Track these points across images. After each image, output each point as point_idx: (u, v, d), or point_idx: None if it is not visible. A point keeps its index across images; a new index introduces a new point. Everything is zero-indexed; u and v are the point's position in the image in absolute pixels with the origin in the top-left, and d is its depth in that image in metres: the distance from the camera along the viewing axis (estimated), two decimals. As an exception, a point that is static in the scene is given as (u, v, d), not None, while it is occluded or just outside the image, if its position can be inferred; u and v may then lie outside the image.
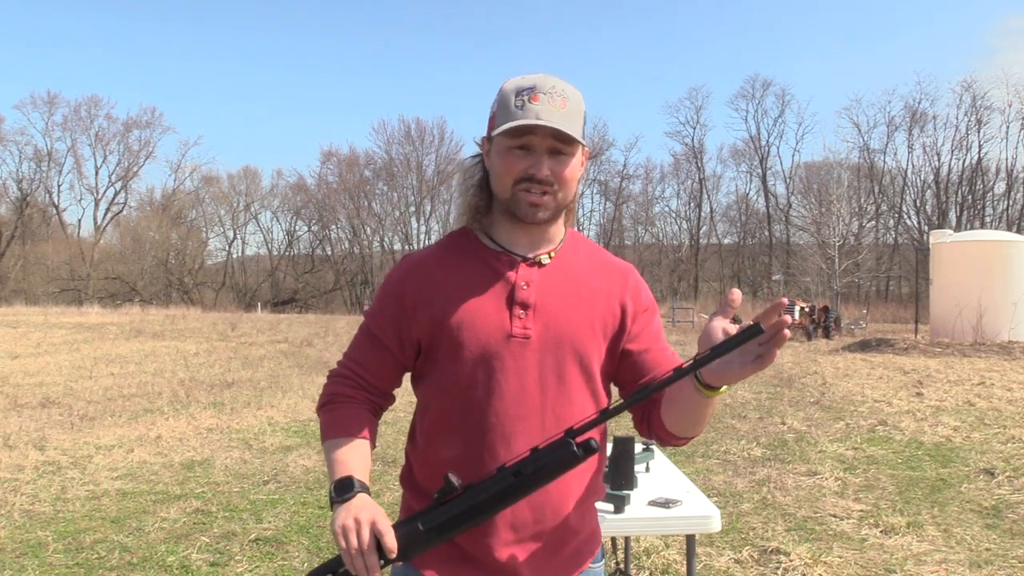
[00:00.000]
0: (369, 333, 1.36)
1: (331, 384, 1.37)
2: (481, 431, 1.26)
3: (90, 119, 54.33)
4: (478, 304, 1.28)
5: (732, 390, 9.90)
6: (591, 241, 1.44)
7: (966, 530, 4.28)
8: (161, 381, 10.76)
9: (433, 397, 1.32)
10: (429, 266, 1.34)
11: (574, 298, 1.32)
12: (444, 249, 1.36)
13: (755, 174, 54.83)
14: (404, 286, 1.32)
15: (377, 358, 1.35)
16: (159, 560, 3.84)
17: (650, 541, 3.94)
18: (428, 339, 1.30)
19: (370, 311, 1.38)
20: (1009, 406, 8.42)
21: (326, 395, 1.36)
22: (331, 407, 1.34)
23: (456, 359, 1.27)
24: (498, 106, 1.28)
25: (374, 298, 1.40)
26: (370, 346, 1.35)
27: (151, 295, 49.04)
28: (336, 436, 1.29)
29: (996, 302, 16.58)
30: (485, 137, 1.33)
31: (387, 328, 1.33)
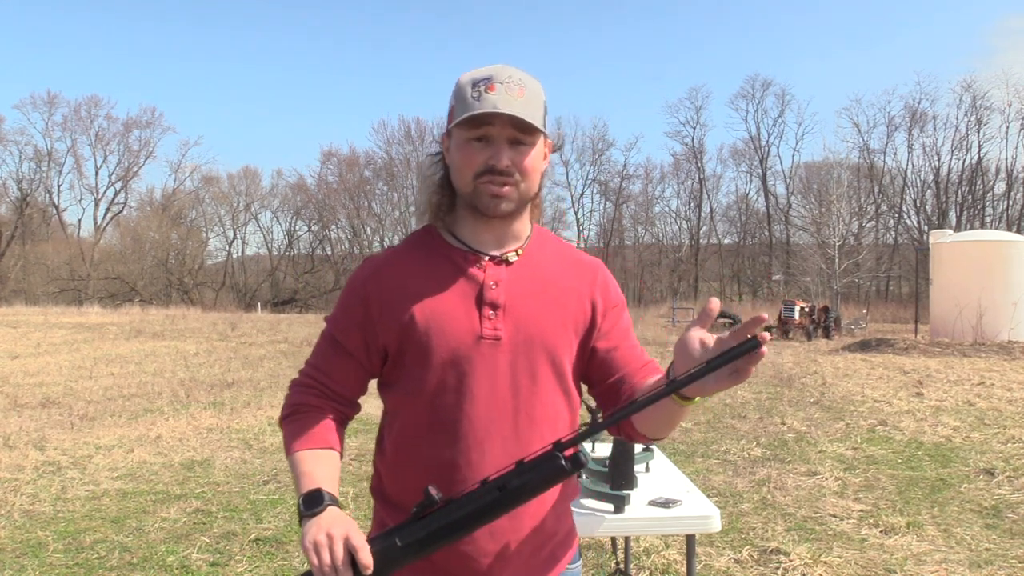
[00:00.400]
0: (332, 340, 1.31)
1: (294, 394, 1.32)
2: (453, 437, 1.22)
3: (90, 119, 54.34)
4: (446, 306, 1.24)
5: (732, 390, 9.90)
6: (557, 237, 1.41)
7: (966, 530, 4.28)
8: (161, 381, 10.76)
9: (402, 404, 1.27)
10: (393, 268, 1.29)
11: (544, 297, 1.28)
12: (408, 249, 1.32)
13: (755, 174, 54.85)
14: (368, 290, 1.27)
15: (342, 365, 1.30)
16: (159, 560, 3.84)
17: (650, 541, 3.94)
18: (395, 344, 1.25)
19: (333, 317, 1.33)
20: (1009, 406, 8.42)
21: (289, 405, 1.31)
22: (295, 418, 1.28)
23: (425, 363, 1.23)
24: (455, 99, 1.25)
25: (336, 303, 1.33)
26: (334, 353, 1.30)
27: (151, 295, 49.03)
28: (302, 448, 1.24)
29: (996, 302, 16.58)
30: (444, 134, 1.30)
31: (352, 334, 1.28)
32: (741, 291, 52.15)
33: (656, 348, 17.30)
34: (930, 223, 45.53)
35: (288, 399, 1.32)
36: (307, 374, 1.32)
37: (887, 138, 50.42)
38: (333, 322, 1.32)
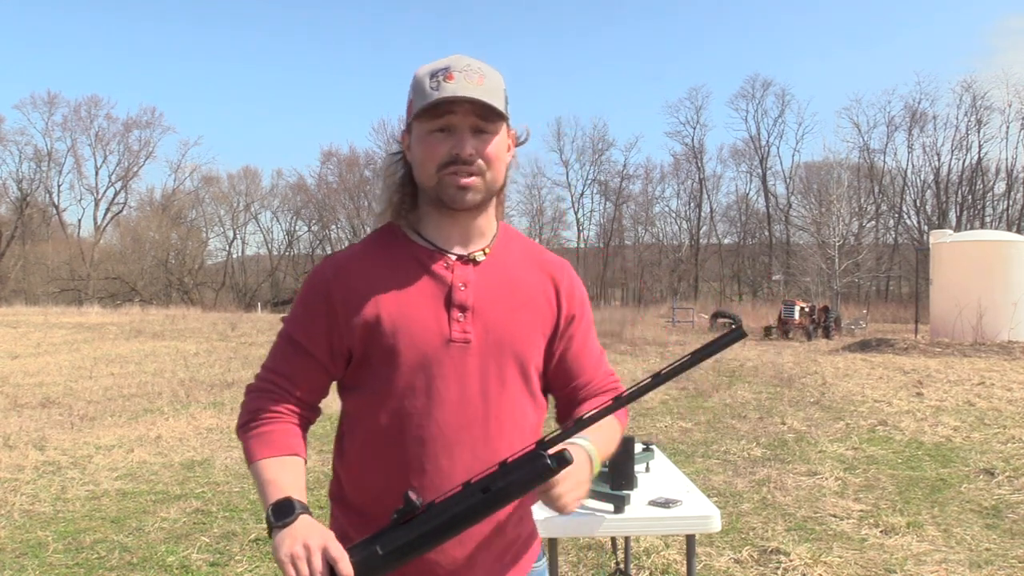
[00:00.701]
0: (293, 341, 1.24)
1: (252, 399, 1.24)
2: (421, 443, 1.18)
3: (90, 119, 54.35)
4: (414, 307, 1.20)
5: (732, 390, 9.90)
6: (523, 234, 1.37)
7: (966, 530, 4.28)
8: (161, 381, 10.76)
9: (367, 407, 1.22)
10: (358, 267, 1.24)
11: (513, 299, 1.25)
12: (371, 247, 1.27)
13: (755, 174, 54.88)
14: (332, 289, 1.22)
15: (304, 368, 1.23)
16: (159, 560, 3.84)
17: (650, 541, 3.94)
18: (361, 346, 1.21)
19: (292, 318, 1.26)
20: (1009, 406, 8.42)
21: (248, 412, 1.23)
22: (255, 424, 1.21)
23: (392, 367, 1.19)
24: (413, 93, 1.21)
25: (295, 303, 1.27)
26: (295, 355, 1.23)
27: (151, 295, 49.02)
28: (266, 455, 1.18)
29: (996, 302, 16.58)
30: (404, 131, 1.26)
31: (315, 336, 1.22)
32: (741, 291, 52.14)
33: (656, 348, 17.30)
34: (930, 223, 45.53)
35: (246, 405, 1.24)
36: (265, 378, 1.25)
37: (887, 138, 50.51)
38: (293, 323, 1.25)
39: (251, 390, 1.26)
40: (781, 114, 54.11)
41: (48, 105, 53.20)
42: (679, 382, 10.83)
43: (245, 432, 1.23)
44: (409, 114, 1.22)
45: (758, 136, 54.57)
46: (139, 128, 55.37)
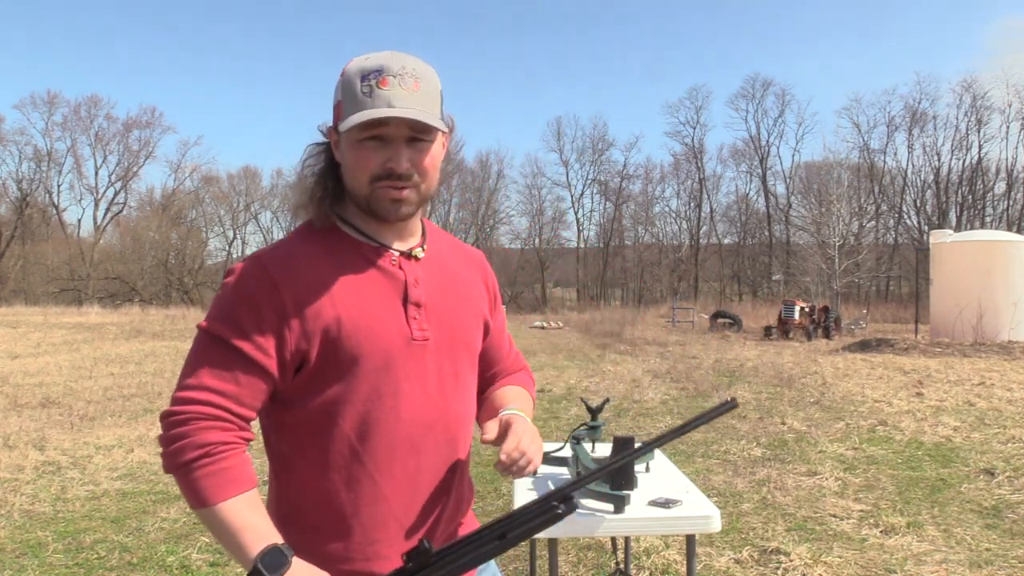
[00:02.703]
0: (236, 353, 1.09)
1: (196, 430, 1.05)
2: (391, 448, 1.14)
3: (90, 119, 54.31)
4: (373, 307, 1.14)
5: (732, 390, 9.90)
6: (441, 228, 1.37)
7: (966, 530, 4.28)
8: (161, 381, 10.76)
9: (325, 418, 1.13)
10: (307, 265, 1.13)
11: (455, 293, 1.26)
12: (310, 244, 1.16)
13: (755, 174, 54.87)
14: (282, 291, 1.10)
15: (250, 383, 1.09)
16: (159, 560, 3.84)
17: (650, 541, 3.94)
18: (319, 353, 1.11)
19: (228, 325, 1.09)
20: (1009, 406, 8.41)
21: (196, 446, 1.04)
22: (209, 461, 1.04)
23: (355, 372, 1.12)
24: (342, 93, 1.14)
25: (226, 309, 1.11)
26: (240, 370, 1.08)
27: (151, 295, 49.02)
28: (230, 495, 1.04)
29: (996, 302, 16.58)
30: (331, 128, 1.18)
31: (264, 345, 1.09)
32: (741, 291, 52.14)
33: (656, 348, 17.30)
34: (930, 223, 45.54)
35: (187, 438, 1.05)
36: (205, 401, 1.07)
37: (887, 138, 50.49)
38: (232, 331, 1.09)
39: (189, 417, 1.06)
40: (781, 114, 54.15)
41: (48, 105, 53.20)
42: (679, 382, 10.83)
43: (191, 471, 1.04)
44: (337, 116, 1.15)
45: (758, 136, 54.61)
46: (139, 128, 55.38)
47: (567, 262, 57.33)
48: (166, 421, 1.08)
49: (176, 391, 1.09)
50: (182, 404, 1.07)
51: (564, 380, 11.13)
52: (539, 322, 29.76)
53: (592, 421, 2.56)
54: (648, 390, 9.93)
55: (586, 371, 12.44)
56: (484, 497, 4.92)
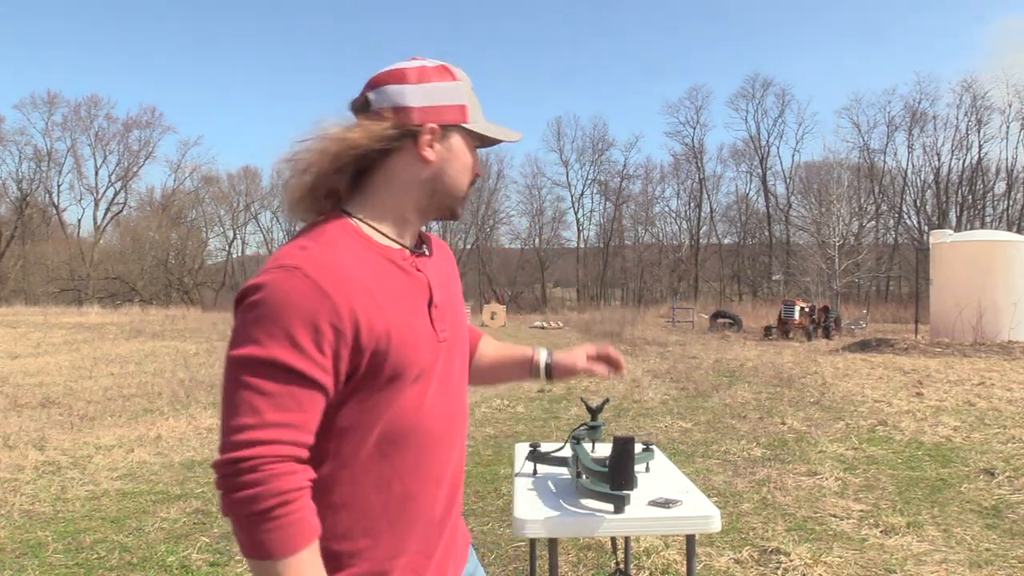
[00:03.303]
0: (295, 377, 1.01)
1: (270, 476, 0.98)
2: (417, 447, 1.14)
3: (90, 119, 54.35)
4: (409, 316, 1.13)
5: (732, 390, 9.90)
6: None
7: (966, 530, 4.28)
8: (161, 381, 10.76)
9: (361, 423, 1.09)
10: (349, 273, 1.07)
11: (450, 287, 1.28)
12: (342, 248, 1.11)
13: (755, 174, 54.90)
14: (337, 304, 1.03)
15: (314, 407, 1.03)
16: (159, 560, 3.84)
17: (650, 541, 3.94)
18: (369, 364, 1.07)
19: (287, 347, 1.00)
20: (1009, 406, 8.41)
21: (272, 494, 0.97)
22: (286, 512, 0.98)
23: (396, 382, 1.10)
24: (468, 98, 1.20)
25: (277, 329, 1.00)
26: (303, 394, 1.01)
27: (151, 295, 49.02)
28: (301, 548, 0.99)
29: (996, 302, 16.58)
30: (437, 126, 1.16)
31: (324, 363, 1.03)
32: (741, 291, 52.15)
33: (656, 348, 17.29)
34: (930, 223, 45.56)
35: (260, 485, 0.97)
36: (274, 440, 0.99)
37: (887, 138, 50.52)
38: (291, 352, 1.00)
39: (261, 462, 0.98)
40: (781, 114, 54.19)
41: (48, 105, 53.22)
42: (679, 382, 10.83)
43: (265, 521, 0.97)
44: (456, 114, 1.18)
45: (758, 136, 54.64)
46: (139, 128, 55.42)
47: (567, 262, 57.35)
48: (233, 467, 0.98)
49: (233, 433, 0.99)
50: (247, 448, 0.98)
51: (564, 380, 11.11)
52: (539, 322, 29.76)
53: (592, 421, 2.56)
54: (648, 390, 9.93)
55: (586, 371, 12.42)
56: (484, 497, 4.92)
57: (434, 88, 1.17)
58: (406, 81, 1.16)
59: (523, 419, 7.89)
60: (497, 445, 6.63)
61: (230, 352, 1.03)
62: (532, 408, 8.60)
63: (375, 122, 1.14)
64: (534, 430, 7.30)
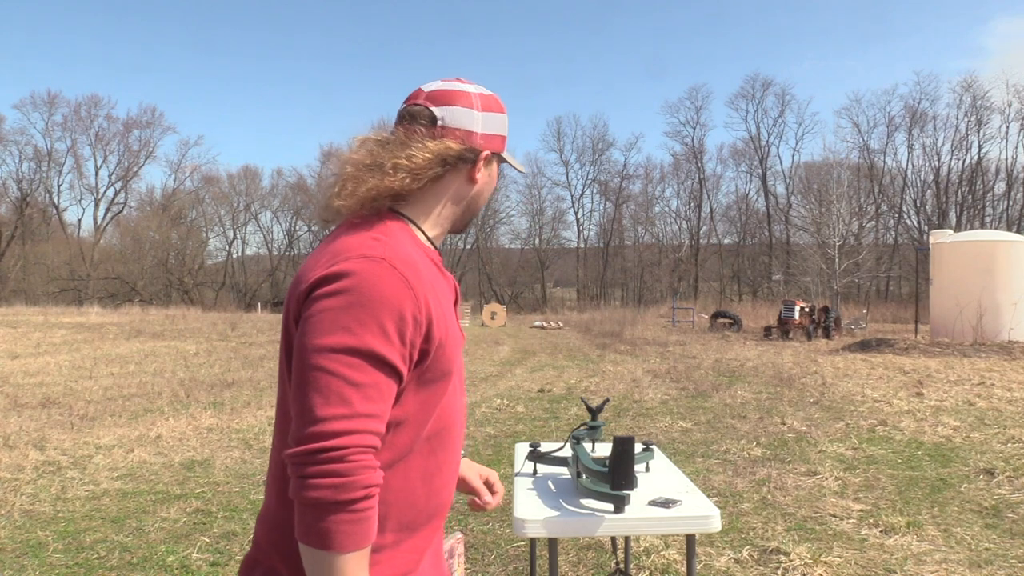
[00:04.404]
0: (383, 366, 1.03)
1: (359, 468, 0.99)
2: (451, 438, 1.21)
3: (90, 119, 54.40)
4: (449, 312, 1.19)
5: (732, 390, 9.91)
6: None
7: (966, 530, 4.28)
8: (161, 381, 10.76)
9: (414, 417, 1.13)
10: (424, 274, 1.12)
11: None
12: (409, 246, 1.15)
13: (755, 174, 54.90)
14: (419, 297, 1.07)
15: (392, 394, 1.07)
16: (159, 560, 3.84)
17: (650, 541, 3.94)
18: (429, 359, 1.11)
19: (378, 336, 1.02)
20: (1009, 406, 8.42)
21: (361, 486, 0.98)
22: (368, 506, 1.00)
23: (447, 377, 1.16)
24: (507, 130, 1.33)
25: (368, 319, 1.02)
26: (386, 383, 1.04)
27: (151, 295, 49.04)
28: (363, 546, 1.00)
29: (996, 302, 16.59)
30: (490, 153, 1.27)
31: (405, 353, 1.06)
32: (741, 291, 52.14)
33: (656, 348, 17.29)
34: (930, 223, 45.56)
35: (351, 475, 0.98)
36: (363, 430, 1.00)
37: (887, 138, 50.54)
38: (382, 341, 1.02)
39: (349, 452, 0.98)
40: (781, 114, 54.21)
41: (48, 105, 53.26)
42: (679, 382, 10.83)
43: (349, 512, 0.98)
44: (499, 143, 1.30)
45: (758, 136, 54.65)
46: (139, 128, 55.48)
47: (567, 262, 57.36)
48: (322, 455, 0.97)
49: (323, 423, 0.98)
50: (337, 437, 0.97)
51: (564, 380, 11.13)
52: (539, 322, 29.76)
53: (592, 421, 2.56)
54: (648, 390, 9.93)
55: (586, 371, 12.44)
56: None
57: (492, 118, 1.28)
58: (473, 107, 1.25)
59: (523, 419, 7.90)
60: (497, 445, 6.63)
61: (317, 339, 1.01)
62: (532, 408, 8.60)
63: (450, 140, 1.22)
64: (534, 430, 7.30)
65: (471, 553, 3.96)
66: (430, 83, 1.27)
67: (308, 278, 1.06)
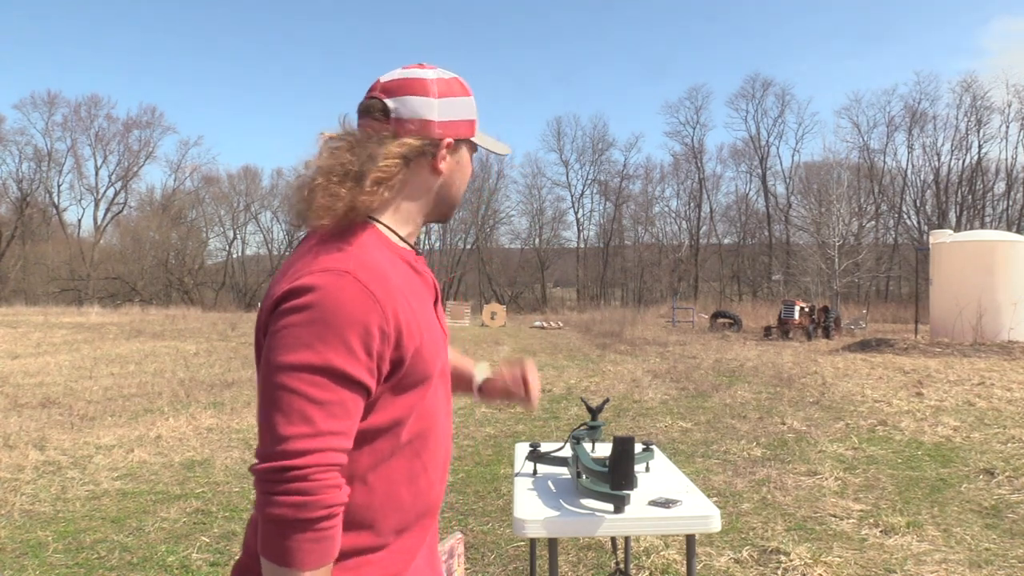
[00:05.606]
0: (346, 382, 1.01)
1: (321, 487, 0.97)
2: (436, 440, 1.18)
3: (90, 119, 54.35)
4: (430, 318, 1.17)
5: (732, 390, 9.91)
6: None
7: (966, 530, 4.28)
8: (161, 381, 10.76)
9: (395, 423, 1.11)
10: (389, 278, 1.08)
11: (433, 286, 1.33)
12: (377, 251, 1.12)
13: (755, 174, 54.86)
14: (385, 309, 1.04)
15: (359, 410, 1.04)
16: (159, 560, 3.84)
17: (650, 541, 3.94)
18: (407, 368, 1.09)
19: (342, 353, 1.00)
20: (1009, 406, 8.42)
21: (322, 506, 0.97)
22: (329, 526, 0.99)
23: (426, 383, 1.14)
24: (476, 113, 1.25)
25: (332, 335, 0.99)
26: (352, 399, 1.01)
27: (151, 295, 49.04)
28: (323, 564, 0.99)
29: (996, 302, 16.59)
30: (452, 140, 1.20)
31: (371, 367, 1.03)
32: (741, 291, 52.13)
33: (656, 348, 17.29)
34: (930, 223, 45.56)
35: (312, 495, 0.97)
36: (325, 448, 0.99)
37: (887, 138, 50.49)
38: (346, 358, 1.00)
39: (311, 472, 0.97)
40: (781, 114, 54.14)
41: (48, 105, 53.22)
42: (679, 382, 10.83)
43: (308, 531, 0.97)
44: (467, 128, 1.23)
45: (758, 136, 54.61)
46: (139, 128, 55.44)
47: (567, 262, 57.34)
48: (283, 474, 0.96)
49: (285, 442, 0.96)
50: (300, 456, 0.96)
51: (564, 380, 11.13)
52: (539, 322, 29.76)
53: (592, 421, 2.56)
54: (648, 390, 9.93)
55: (586, 371, 12.44)
56: (484, 497, 4.91)
57: (452, 103, 1.20)
58: (428, 94, 1.18)
59: (523, 419, 7.89)
60: (497, 445, 6.63)
61: (279, 356, 1.00)
62: (532, 408, 8.59)
63: (408, 136, 1.16)
64: (534, 430, 7.30)
65: (471, 553, 3.96)
66: (389, 72, 1.21)
67: (274, 292, 1.05)
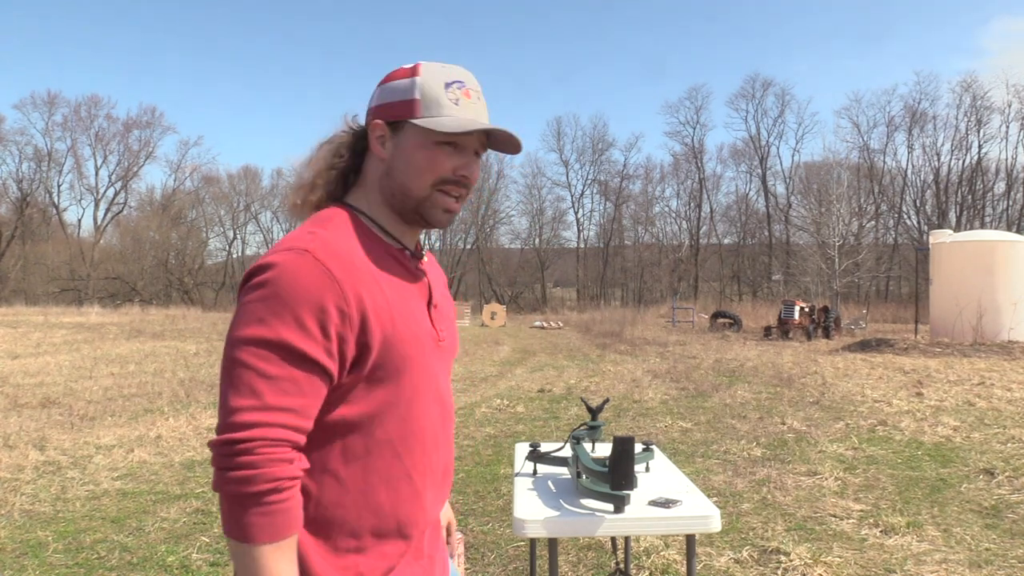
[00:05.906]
0: (298, 359, 0.99)
1: (266, 460, 0.97)
2: (423, 445, 1.16)
3: (90, 119, 54.36)
4: (412, 310, 1.15)
5: (732, 390, 9.91)
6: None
7: (966, 530, 4.28)
8: (161, 381, 10.76)
9: (371, 419, 1.10)
10: (360, 263, 1.08)
11: (445, 293, 1.32)
12: (348, 237, 1.11)
13: (755, 174, 54.88)
14: (344, 287, 1.03)
15: (315, 391, 1.02)
16: (159, 560, 3.84)
17: (650, 541, 3.94)
18: (377, 353, 1.07)
19: (291, 327, 0.99)
20: (1009, 406, 8.42)
21: (266, 479, 0.96)
22: (277, 498, 0.98)
23: (402, 375, 1.11)
24: (421, 93, 1.13)
25: (283, 310, 0.99)
26: (304, 377, 1.00)
27: (151, 295, 49.03)
28: (279, 538, 0.98)
29: (996, 302, 16.59)
30: (383, 122, 1.16)
31: (329, 346, 1.02)
32: (741, 291, 52.13)
33: (656, 348, 17.29)
34: (930, 223, 45.56)
35: (256, 468, 0.96)
36: (273, 423, 0.98)
37: (887, 138, 50.51)
38: (295, 332, 0.99)
39: (257, 445, 0.97)
40: (781, 114, 54.17)
41: (48, 105, 53.22)
42: (679, 382, 10.83)
43: (255, 504, 0.97)
44: (408, 113, 1.13)
45: (758, 136, 54.62)
46: (139, 128, 55.45)
47: (567, 262, 57.34)
48: (229, 448, 0.97)
49: (232, 415, 0.97)
50: (245, 429, 0.97)
51: (564, 380, 11.13)
52: (539, 322, 29.76)
53: (592, 421, 2.56)
54: (648, 390, 9.93)
55: (586, 371, 12.44)
56: (484, 497, 4.91)
57: (389, 88, 1.17)
58: (377, 89, 1.20)
59: (523, 419, 7.89)
60: (497, 445, 6.63)
61: (234, 331, 1.02)
62: (532, 408, 8.60)
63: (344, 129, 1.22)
64: (534, 430, 7.30)
65: (471, 553, 3.96)
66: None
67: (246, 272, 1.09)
